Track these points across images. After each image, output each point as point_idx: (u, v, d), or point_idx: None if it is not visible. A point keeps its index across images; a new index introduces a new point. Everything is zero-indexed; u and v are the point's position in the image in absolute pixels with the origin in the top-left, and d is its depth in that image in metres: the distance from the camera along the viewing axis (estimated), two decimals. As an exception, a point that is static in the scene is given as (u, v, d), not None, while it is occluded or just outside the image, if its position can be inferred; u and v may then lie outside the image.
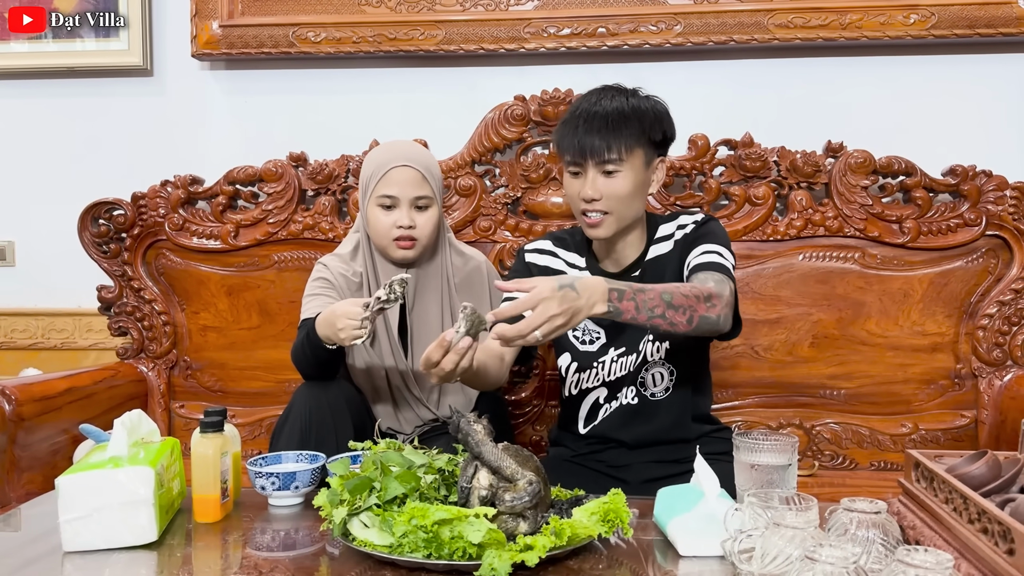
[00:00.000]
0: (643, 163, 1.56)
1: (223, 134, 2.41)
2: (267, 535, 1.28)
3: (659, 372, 1.63)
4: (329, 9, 2.27)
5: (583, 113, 1.56)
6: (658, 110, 1.58)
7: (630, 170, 1.54)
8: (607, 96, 1.58)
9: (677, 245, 1.62)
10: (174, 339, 2.28)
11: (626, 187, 1.54)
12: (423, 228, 1.72)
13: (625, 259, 1.65)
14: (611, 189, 1.54)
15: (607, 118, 1.53)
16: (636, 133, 1.53)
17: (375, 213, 1.71)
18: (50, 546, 1.20)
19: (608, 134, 1.52)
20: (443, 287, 1.80)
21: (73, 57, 2.40)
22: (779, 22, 2.14)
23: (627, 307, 1.34)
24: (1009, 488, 1.05)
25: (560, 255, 1.72)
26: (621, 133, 1.52)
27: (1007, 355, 2.04)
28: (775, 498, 1.04)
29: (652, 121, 1.56)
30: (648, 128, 1.55)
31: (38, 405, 1.85)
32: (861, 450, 2.08)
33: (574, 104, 1.62)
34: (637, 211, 1.60)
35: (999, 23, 2.08)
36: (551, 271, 1.69)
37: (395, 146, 1.79)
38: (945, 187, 2.06)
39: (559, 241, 1.74)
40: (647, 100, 1.59)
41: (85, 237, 2.23)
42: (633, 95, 1.59)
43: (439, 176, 1.79)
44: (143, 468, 1.20)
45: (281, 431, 1.61)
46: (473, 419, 1.17)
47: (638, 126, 1.54)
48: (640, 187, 1.57)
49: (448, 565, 1.05)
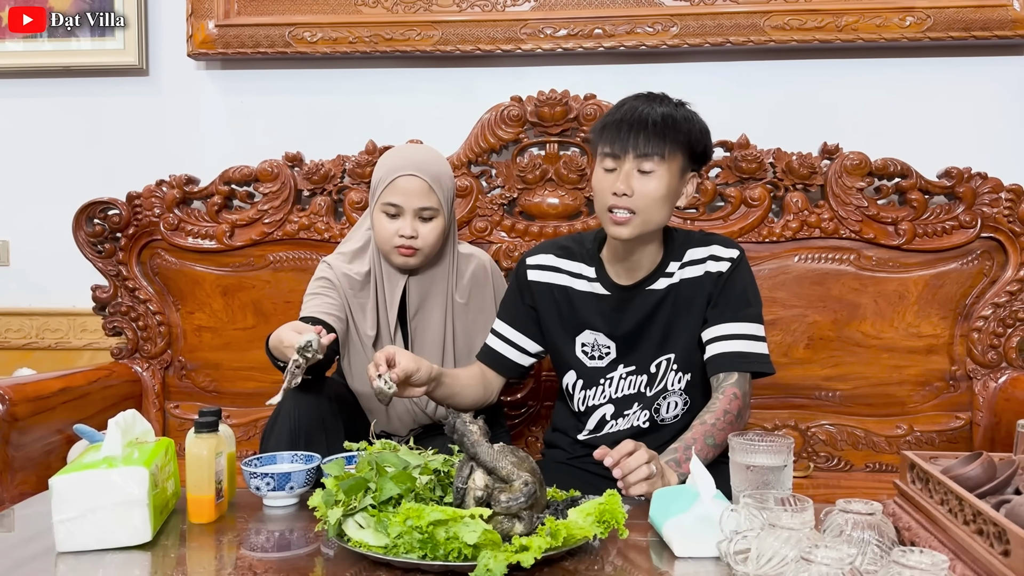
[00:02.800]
0: (679, 170, 1.54)
1: (219, 134, 2.40)
2: (262, 536, 1.27)
3: (675, 400, 1.63)
4: (325, 9, 2.27)
5: (631, 110, 1.54)
6: (703, 127, 1.58)
7: (666, 173, 1.51)
8: (656, 101, 1.56)
9: (709, 278, 1.59)
10: (169, 339, 2.28)
11: (659, 189, 1.51)
12: (425, 238, 1.70)
13: (639, 269, 1.61)
14: (644, 188, 1.51)
15: (657, 119, 1.52)
16: (681, 139, 1.52)
17: (380, 218, 1.70)
18: (44, 547, 1.19)
19: (654, 133, 1.50)
20: (447, 293, 1.79)
21: (69, 56, 2.39)
22: (775, 24, 2.14)
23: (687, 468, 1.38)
24: (1004, 489, 1.05)
25: (564, 268, 1.67)
26: (667, 135, 1.51)
27: (1002, 357, 2.04)
28: (771, 499, 1.04)
29: (698, 133, 1.55)
30: (694, 139, 1.54)
31: (32, 405, 1.85)
32: (856, 451, 2.08)
33: (619, 103, 1.59)
34: (662, 219, 1.56)
35: (994, 25, 2.08)
36: (555, 288, 1.66)
37: (407, 152, 1.76)
38: (940, 189, 2.06)
39: (563, 251, 1.68)
40: (695, 115, 1.58)
41: (80, 237, 2.22)
42: (681, 106, 1.58)
43: (449, 185, 1.74)
44: (137, 468, 1.19)
45: (271, 432, 1.60)
46: (469, 419, 1.17)
47: (685, 133, 1.53)
48: (671, 194, 1.54)
49: (443, 566, 1.04)
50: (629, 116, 1.52)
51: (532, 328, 1.69)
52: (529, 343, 1.70)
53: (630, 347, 1.62)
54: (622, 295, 1.61)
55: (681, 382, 1.61)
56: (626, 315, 1.61)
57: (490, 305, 1.81)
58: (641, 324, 1.60)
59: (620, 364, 1.62)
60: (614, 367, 1.63)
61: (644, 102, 1.55)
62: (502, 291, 1.80)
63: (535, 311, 1.68)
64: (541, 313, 1.67)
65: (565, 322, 1.65)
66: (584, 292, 1.64)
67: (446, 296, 1.78)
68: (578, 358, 1.65)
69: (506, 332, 1.70)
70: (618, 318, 1.62)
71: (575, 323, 1.64)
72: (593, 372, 1.64)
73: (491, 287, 1.84)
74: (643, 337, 1.61)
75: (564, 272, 1.66)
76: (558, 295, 1.65)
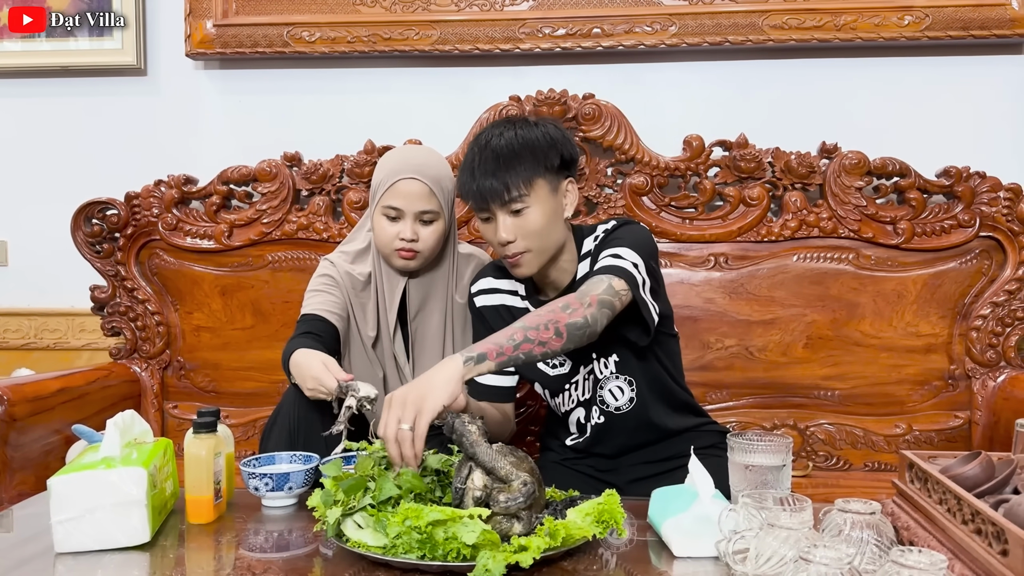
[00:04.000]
0: (549, 192, 1.50)
1: (217, 134, 2.40)
2: (260, 536, 1.27)
3: (616, 387, 1.58)
4: (324, 9, 2.27)
5: (475, 157, 1.50)
6: (550, 135, 1.51)
7: (537, 203, 1.48)
8: (495, 135, 1.51)
9: (592, 260, 1.55)
10: (167, 339, 2.27)
11: (538, 221, 1.48)
12: (426, 241, 1.69)
13: (560, 283, 1.60)
14: (523, 227, 1.48)
15: (499, 157, 1.47)
16: (531, 165, 1.47)
17: (380, 221, 1.70)
18: (42, 547, 1.19)
19: (503, 173, 1.46)
20: (447, 296, 1.78)
21: (67, 56, 2.39)
22: (774, 23, 2.14)
23: (487, 349, 1.29)
24: (1003, 489, 1.05)
25: (501, 287, 1.66)
26: (515, 169, 1.46)
27: (1000, 356, 2.05)
28: (769, 499, 1.04)
29: (545, 148, 1.49)
30: (543, 157, 1.48)
31: (30, 405, 1.84)
32: (855, 451, 2.08)
33: (467, 151, 1.55)
34: (557, 240, 1.53)
35: (993, 24, 2.08)
36: (500, 308, 1.65)
37: (408, 155, 1.75)
38: (939, 188, 2.06)
39: (498, 271, 1.67)
40: (536, 128, 1.52)
41: (78, 237, 2.22)
42: (522, 126, 1.52)
43: (450, 188, 1.73)
44: (136, 469, 1.19)
45: (270, 433, 1.60)
46: (468, 419, 1.17)
47: (531, 158, 1.47)
48: (553, 216, 1.50)
49: (442, 566, 1.04)
50: (477, 164, 1.48)
51: None
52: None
53: (580, 351, 1.52)
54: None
55: (610, 366, 1.57)
56: None
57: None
58: None
59: (580, 366, 1.60)
60: (576, 371, 1.61)
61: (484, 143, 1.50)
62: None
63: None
64: None
65: None
66: (520, 308, 1.63)
67: (446, 297, 1.78)
68: (540, 369, 1.63)
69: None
70: None
71: None
72: (557, 379, 1.63)
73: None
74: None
75: (502, 292, 1.66)
76: (503, 314, 1.64)
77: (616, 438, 1.61)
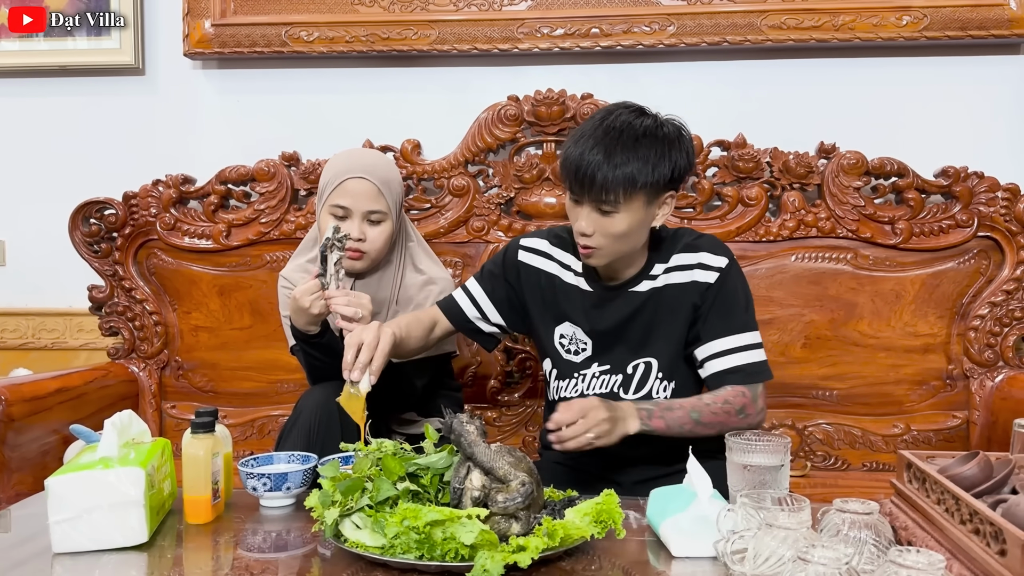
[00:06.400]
0: (644, 204, 1.45)
1: (215, 133, 2.40)
2: (258, 536, 1.27)
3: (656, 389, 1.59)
4: (322, 8, 2.27)
5: (587, 142, 1.44)
6: (669, 146, 1.45)
7: (628, 213, 1.44)
8: (616, 128, 1.43)
9: (696, 287, 1.53)
10: (165, 339, 2.27)
11: (621, 227, 1.45)
12: (373, 242, 1.71)
13: (624, 275, 1.58)
14: (606, 228, 1.45)
15: (610, 154, 1.41)
16: (636, 174, 1.41)
17: (327, 221, 1.71)
18: (40, 547, 1.19)
19: (608, 172, 1.40)
20: (389, 300, 1.79)
21: (65, 56, 2.39)
22: (772, 23, 2.14)
23: (657, 425, 1.44)
24: (1001, 489, 1.05)
25: (555, 256, 1.65)
26: (624, 174, 1.41)
27: (998, 356, 2.05)
28: (767, 499, 1.04)
29: (656, 161, 1.43)
30: (652, 170, 1.42)
31: (28, 405, 1.84)
32: (853, 451, 2.08)
33: (584, 124, 1.50)
34: (634, 245, 1.51)
35: (991, 25, 2.09)
36: (542, 274, 1.65)
37: (356, 156, 1.77)
38: (937, 188, 2.06)
39: (557, 240, 1.65)
40: (660, 130, 1.45)
41: (76, 237, 2.22)
42: (646, 120, 1.46)
43: (398, 191, 1.75)
44: (134, 469, 1.19)
45: (288, 434, 1.60)
46: (466, 420, 1.17)
47: (640, 166, 1.41)
48: (639, 225, 1.47)
49: (440, 566, 1.04)
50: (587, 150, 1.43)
51: (504, 302, 1.67)
52: (494, 312, 1.68)
53: (606, 346, 1.60)
54: (604, 294, 1.60)
55: (667, 391, 1.57)
56: (605, 314, 1.59)
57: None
58: (620, 325, 1.58)
59: (595, 362, 1.61)
60: (588, 364, 1.61)
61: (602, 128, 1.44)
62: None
63: (514, 290, 1.67)
64: (525, 296, 1.66)
65: (547, 309, 1.64)
66: (569, 284, 1.63)
67: (389, 301, 1.78)
68: (555, 348, 1.64)
69: (476, 293, 1.68)
70: (597, 316, 1.60)
71: (556, 313, 1.64)
72: (567, 365, 1.63)
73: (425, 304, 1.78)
74: (621, 338, 1.59)
75: (555, 261, 1.65)
76: (544, 282, 1.64)
77: (629, 449, 1.57)
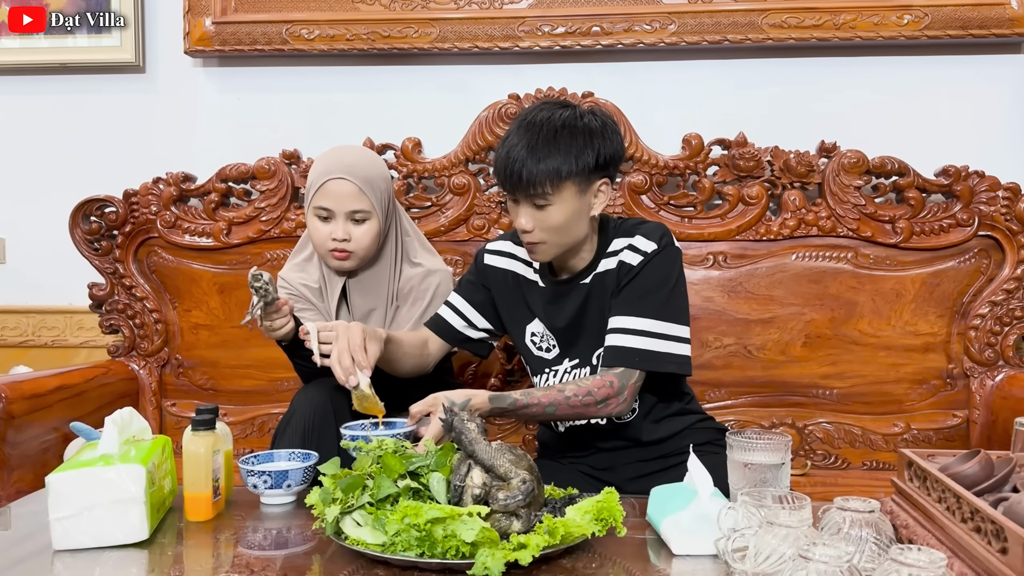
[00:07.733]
0: (576, 193, 1.46)
1: (216, 131, 2.40)
2: (259, 534, 1.27)
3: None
4: (323, 6, 2.27)
5: (511, 140, 1.47)
6: (590, 133, 1.46)
7: (561, 203, 1.45)
8: (536, 123, 1.46)
9: (621, 268, 1.53)
10: (166, 337, 2.27)
11: (558, 219, 1.46)
12: (359, 241, 1.70)
13: (577, 268, 1.59)
14: (543, 221, 1.47)
15: (533, 149, 1.43)
16: (562, 164, 1.43)
17: (313, 222, 1.72)
18: (40, 545, 1.19)
19: (532, 166, 1.43)
20: (387, 297, 1.79)
21: (66, 54, 2.38)
22: (773, 22, 2.14)
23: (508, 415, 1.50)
24: (1002, 487, 1.05)
25: (518, 255, 1.66)
26: (547, 166, 1.43)
27: (999, 355, 2.05)
28: (768, 497, 1.04)
29: (579, 152, 1.45)
30: (575, 160, 1.44)
31: (28, 403, 1.84)
32: (853, 449, 2.08)
33: (510, 125, 1.52)
34: (577, 235, 1.52)
35: (992, 24, 2.08)
36: (508, 274, 1.67)
37: (339, 155, 1.75)
38: (938, 187, 2.06)
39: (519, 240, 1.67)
40: (579, 121, 1.47)
41: (76, 234, 2.22)
42: (564, 112, 1.47)
43: (383, 188, 1.73)
44: (134, 466, 1.19)
45: (283, 432, 1.60)
46: (467, 417, 1.17)
47: (564, 156, 1.43)
48: (575, 215, 1.48)
49: (441, 564, 1.04)
50: (512, 149, 1.45)
51: (485, 305, 1.70)
52: (478, 318, 1.70)
53: (571, 341, 1.60)
54: (556, 288, 1.61)
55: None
56: (560, 308, 1.60)
57: (417, 313, 1.78)
58: (576, 317, 1.59)
59: (565, 358, 1.62)
60: (560, 360, 1.62)
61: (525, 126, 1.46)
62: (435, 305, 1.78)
63: (490, 292, 1.69)
64: (496, 298, 1.69)
65: (517, 308, 1.66)
66: (531, 281, 1.65)
67: (386, 298, 1.79)
68: (527, 346, 1.65)
69: (458, 303, 1.70)
70: (554, 311, 1.61)
71: (524, 311, 1.65)
72: (539, 362, 1.64)
73: (427, 299, 1.79)
74: (581, 330, 1.59)
75: (518, 259, 1.67)
76: (511, 281, 1.67)
77: (614, 440, 1.61)
